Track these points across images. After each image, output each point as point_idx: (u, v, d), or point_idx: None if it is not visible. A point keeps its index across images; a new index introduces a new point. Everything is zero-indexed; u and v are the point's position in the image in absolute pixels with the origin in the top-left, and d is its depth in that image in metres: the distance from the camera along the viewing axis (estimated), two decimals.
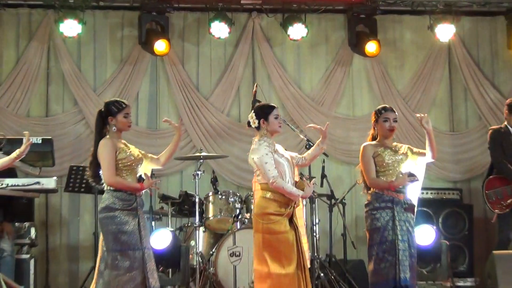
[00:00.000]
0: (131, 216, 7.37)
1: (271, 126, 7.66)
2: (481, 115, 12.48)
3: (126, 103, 7.55)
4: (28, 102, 11.83)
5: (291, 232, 7.47)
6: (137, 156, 7.49)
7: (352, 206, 11.62)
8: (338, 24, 12.42)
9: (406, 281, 7.71)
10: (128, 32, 12.14)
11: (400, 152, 7.96)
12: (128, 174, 7.43)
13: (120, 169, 7.38)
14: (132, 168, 7.43)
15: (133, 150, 7.52)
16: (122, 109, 7.46)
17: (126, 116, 7.48)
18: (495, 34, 12.65)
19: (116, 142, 7.46)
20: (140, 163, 7.51)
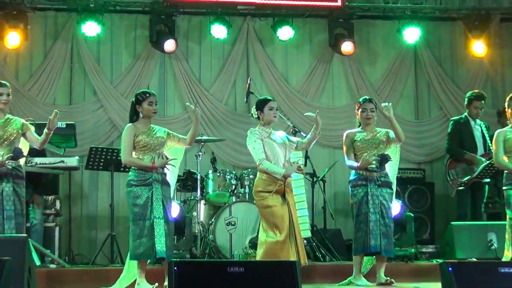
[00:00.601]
0: (146, 190, 7.46)
1: (266, 116, 7.71)
2: (442, 106, 12.49)
3: (150, 92, 7.65)
4: (54, 92, 11.82)
5: (282, 206, 7.52)
6: (156, 139, 7.55)
7: (331, 183, 11.64)
8: (320, 27, 12.39)
9: (377, 248, 7.83)
10: (140, 33, 12.11)
11: (377, 137, 8.05)
12: (145, 154, 7.52)
13: (137, 150, 7.50)
14: (150, 149, 7.51)
15: (157, 133, 7.61)
16: (146, 98, 7.55)
17: (150, 104, 7.54)
18: (455, 36, 12.65)
19: (141, 127, 7.57)
20: (160, 145, 7.57)
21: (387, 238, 7.90)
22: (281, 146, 7.69)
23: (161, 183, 7.56)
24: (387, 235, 7.89)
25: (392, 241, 7.99)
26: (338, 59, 12.35)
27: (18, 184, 7.55)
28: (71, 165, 9.96)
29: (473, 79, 12.51)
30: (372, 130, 8.12)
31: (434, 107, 12.66)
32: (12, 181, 7.49)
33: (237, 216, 9.58)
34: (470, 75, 12.60)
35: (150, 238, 7.40)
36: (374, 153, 7.98)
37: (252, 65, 12.29)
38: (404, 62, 12.62)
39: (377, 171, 7.95)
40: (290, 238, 7.48)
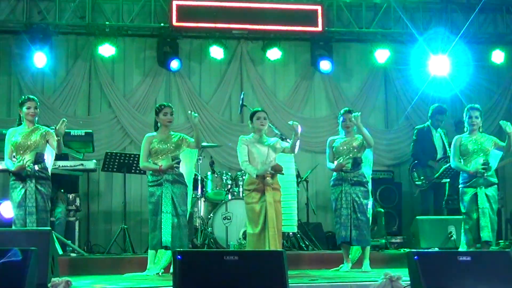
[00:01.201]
0: (158, 189, 7.59)
1: (255, 125, 7.80)
2: (408, 116, 12.51)
3: (165, 105, 7.82)
4: (74, 104, 11.80)
5: (259, 203, 7.59)
6: (171, 144, 7.66)
7: (313, 183, 11.64)
8: (303, 49, 12.40)
9: (346, 238, 7.98)
10: (149, 54, 12.09)
11: (352, 143, 8.09)
12: (158, 158, 7.62)
13: (152, 155, 7.65)
14: (162, 154, 7.63)
15: (173, 139, 7.72)
16: (161, 110, 7.72)
17: (165, 114, 7.69)
18: (418, 56, 12.49)
19: (160, 135, 7.72)
20: (174, 150, 7.67)
21: (359, 230, 7.92)
22: (268, 149, 7.73)
23: (172, 182, 7.60)
24: (358, 227, 7.93)
25: (364, 232, 7.99)
26: (318, 76, 12.36)
27: (42, 184, 7.56)
28: (89, 167, 10.01)
29: (435, 94, 12.50)
30: (350, 136, 8.15)
31: (401, 117, 12.66)
32: (35, 181, 7.50)
33: (232, 211, 9.59)
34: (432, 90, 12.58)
35: (160, 230, 7.48)
36: (349, 157, 8.02)
37: (245, 82, 12.28)
38: (376, 79, 12.64)
39: (350, 172, 7.99)
40: (265, 232, 7.53)
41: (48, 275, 5.59)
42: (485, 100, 12.29)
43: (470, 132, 8.12)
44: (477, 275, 5.18)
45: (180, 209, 7.60)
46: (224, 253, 5.26)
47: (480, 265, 5.27)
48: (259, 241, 7.54)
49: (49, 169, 7.78)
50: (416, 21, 12.39)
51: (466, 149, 8.06)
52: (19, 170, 7.45)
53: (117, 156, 9.94)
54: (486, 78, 12.77)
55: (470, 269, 5.21)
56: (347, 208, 7.95)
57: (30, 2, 11.52)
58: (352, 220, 7.92)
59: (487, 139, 8.09)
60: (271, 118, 11.32)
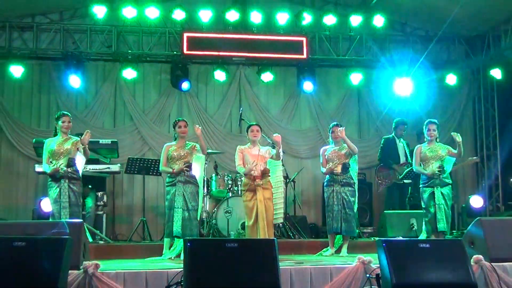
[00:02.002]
0: (172, 189, 7.66)
1: (249, 136, 7.89)
2: (377, 129, 12.54)
3: (179, 119, 7.99)
4: (102, 118, 11.80)
5: (252, 201, 7.67)
6: (185, 151, 7.73)
7: (299, 183, 11.59)
8: (291, 73, 12.39)
9: (337, 229, 8.06)
10: (164, 77, 12.09)
11: (342, 152, 8.14)
12: (174, 163, 7.70)
13: (169, 160, 7.73)
14: (177, 159, 7.70)
15: (186, 147, 7.78)
16: (176, 124, 7.87)
17: (179, 127, 7.82)
18: (386, 79, 12.51)
19: (177, 143, 7.80)
20: (186, 156, 7.73)
21: (347, 222, 7.97)
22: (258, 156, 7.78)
23: (184, 182, 7.66)
24: (347, 220, 7.97)
25: (352, 224, 8.03)
26: (303, 95, 12.36)
27: (74, 183, 7.64)
28: (115, 170, 10.03)
29: (399, 110, 12.47)
30: (339, 146, 8.19)
31: (372, 129, 12.68)
32: (68, 181, 7.58)
33: (232, 206, 9.56)
34: (397, 107, 12.58)
35: (172, 222, 7.52)
36: (338, 162, 8.07)
37: (243, 100, 12.26)
38: (351, 98, 12.66)
39: (340, 175, 8.05)
40: (257, 223, 7.57)
41: (80, 259, 5.57)
42: (440, 115, 12.30)
43: (429, 142, 8.17)
44: (434, 259, 5.18)
45: (190, 205, 7.62)
46: (226, 241, 5.26)
47: (437, 251, 5.28)
48: (252, 231, 7.64)
49: (80, 171, 7.82)
50: (384, 50, 12.40)
51: (425, 156, 8.09)
52: (54, 172, 7.59)
53: (138, 160, 9.93)
54: (441, 97, 12.82)
55: (428, 254, 5.21)
56: (337, 204, 7.99)
57: (66, 34, 11.52)
58: (341, 214, 7.96)
59: (442, 148, 8.13)
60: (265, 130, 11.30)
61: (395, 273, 5.01)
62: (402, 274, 5.03)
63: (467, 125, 12.82)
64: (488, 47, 12.18)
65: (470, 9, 11.23)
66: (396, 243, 5.59)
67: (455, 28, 12.26)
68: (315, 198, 12.09)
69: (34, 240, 5.01)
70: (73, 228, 5.86)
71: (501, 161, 12.36)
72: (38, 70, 11.71)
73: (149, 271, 5.63)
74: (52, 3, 11.35)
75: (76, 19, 11.78)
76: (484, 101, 12.73)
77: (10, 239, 4.95)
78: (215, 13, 11.52)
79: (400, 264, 5.09)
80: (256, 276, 4.92)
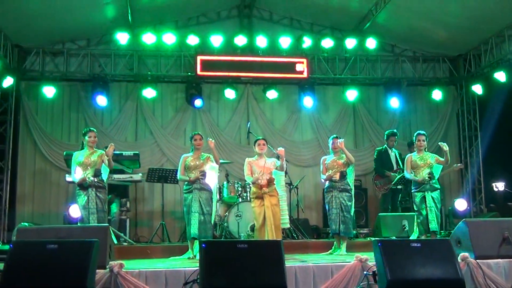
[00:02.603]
0: (189, 195, 7.65)
1: (256, 149, 7.89)
2: (370, 139, 12.49)
3: (195, 133, 7.96)
4: (125, 133, 11.79)
5: (259, 207, 7.67)
6: (200, 161, 7.70)
7: (302, 189, 11.50)
8: (294, 90, 12.35)
9: (336, 230, 7.99)
10: (180, 95, 12.08)
11: (340, 161, 8.11)
12: (190, 172, 7.69)
13: (186, 170, 7.73)
14: (193, 169, 7.69)
15: (201, 158, 7.76)
16: (192, 137, 7.84)
17: (195, 140, 7.80)
18: (378, 95, 12.67)
19: (193, 155, 7.78)
20: (201, 166, 7.70)
21: (345, 224, 7.92)
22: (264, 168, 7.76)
23: (199, 189, 7.65)
24: (344, 222, 7.92)
25: (349, 226, 8.01)
26: (304, 110, 12.31)
27: (100, 192, 7.64)
28: (137, 179, 10.03)
29: (390, 122, 12.51)
30: (338, 156, 8.17)
31: (366, 140, 12.61)
32: (95, 189, 7.59)
33: (242, 211, 9.51)
34: (388, 120, 12.59)
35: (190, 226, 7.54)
36: (337, 170, 8.04)
37: (251, 115, 12.23)
38: (347, 112, 12.60)
39: (338, 182, 8.02)
40: (264, 227, 7.56)
41: (106, 259, 5.55)
42: (427, 126, 12.26)
43: (418, 151, 8.14)
44: (425, 257, 5.16)
45: (205, 209, 7.60)
46: (237, 242, 5.24)
47: (427, 250, 5.25)
48: (260, 234, 7.63)
49: (105, 180, 7.82)
50: (376, 69, 12.40)
51: (416, 164, 8.07)
52: (82, 181, 7.60)
53: (157, 170, 9.92)
54: (428, 110, 12.82)
55: (420, 253, 5.20)
56: (336, 208, 7.96)
57: (92, 58, 11.58)
58: (339, 217, 7.91)
59: (431, 156, 8.12)
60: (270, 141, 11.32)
61: (390, 270, 4.99)
62: (397, 271, 5.01)
63: (452, 136, 12.75)
64: (469, 65, 12.20)
65: (453, 32, 11.27)
66: (391, 242, 5.56)
67: (440, 49, 12.30)
68: (316, 202, 12.03)
69: (65, 243, 5.00)
70: (100, 232, 5.85)
71: (483, 168, 12.32)
72: (68, 90, 11.73)
73: (168, 270, 5.61)
74: (80, 31, 11.40)
75: (102, 44, 11.82)
76: (467, 114, 12.67)
77: (44, 242, 4.96)
78: (225, 38, 11.55)
79: (395, 261, 5.06)
80: (264, 274, 4.90)
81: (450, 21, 10.78)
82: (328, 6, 11.42)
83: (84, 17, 10.70)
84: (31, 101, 11.51)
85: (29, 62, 11.44)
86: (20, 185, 11.38)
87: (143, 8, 10.96)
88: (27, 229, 6.70)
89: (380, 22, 11.39)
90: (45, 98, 11.30)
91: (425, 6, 10.41)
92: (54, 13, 9.96)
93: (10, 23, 10.17)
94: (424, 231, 7.83)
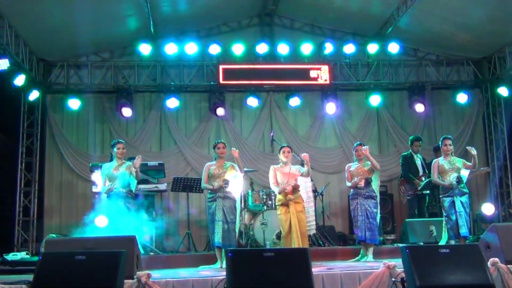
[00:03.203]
0: (213, 204, 7.68)
1: (281, 156, 7.86)
2: (395, 145, 12.39)
3: (218, 141, 8.01)
4: (150, 143, 11.89)
5: (285, 214, 7.65)
6: (223, 170, 7.71)
7: (327, 196, 11.47)
8: (316, 97, 12.31)
9: (362, 237, 7.95)
10: (203, 104, 12.14)
11: (365, 168, 8.08)
12: (214, 181, 7.71)
13: (209, 178, 7.74)
14: (216, 177, 7.71)
15: (225, 166, 7.77)
16: (216, 145, 7.89)
17: (218, 148, 7.82)
18: (402, 100, 12.56)
19: (216, 163, 7.80)
20: (221, 175, 7.70)
21: (371, 231, 7.88)
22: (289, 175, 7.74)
23: (223, 198, 7.67)
24: (370, 229, 7.88)
25: (375, 233, 7.96)
26: (328, 116, 12.26)
27: (129, 201, 7.78)
28: (162, 189, 10.12)
29: (415, 127, 12.40)
30: (362, 163, 8.14)
31: (391, 146, 12.51)
32: (124, 199, 7.74)
33: (267, 219, 9.48)
34: (413, 125, 12.48)
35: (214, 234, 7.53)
36: (362, 178, 8.01)
37: (274, 123, 12.23)
38: (370, 118, 12.51)
39: (363, 189, 7.99)
40: (290, 235, 7.54)
41: (134, 269, 5.58)
42: (453, 130, 12.15)
43: (445, 156, 8.09)
44: (454, 263, 5.09)
45: (229, 218, 7.62)
46: (263, 250, 5.21)
47: (456, 256, 5.18)
48: (287, 241, 7.61)
49: (133, 191, 7.91)
50: (399, 73, 12.34)
51: (443, 168, 8.02)
52: (109, 192, 7.72)
53: (182, 180, 9.97)
54: (453, 114, 12.69)
55: (448, 259, 5.12)
56: (361, 215, 7.94)
57: (116, 69, 11.72)
58: (365, 224, 7.88)
59: (458, 161, 8.08)
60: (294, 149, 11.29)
61: (419, 276, 4.93)
62: (425, 278, 4.94)
63: (478, 139, 12.60)
64: (494, 67, 12.05)
65: (476, 35, 11.17)
66: (419, 249, 5.51)
67: (463, 52, 12.18)
68: (342, 209, 11.96)
69: (94, 253, 5.04)
70: (128, 242, 5.88)
71: (511, 170, 12.14)
72: (93, 102, 11.85)
73: (195, 279, 5.62)
74: (103, 44, 11.56)
75: (125, 56, 11.95)
76: (493, 117, 12.51)
77: (72, 253, 5.01)
78: (247, 46, 11.60)
79: (423, 268, 5.00)
80: (291, 282, 4.87)
81: (473, 24, 10.68)
82: (349, 11, 11.40)
83: (106, 30, 10.85)
84: (56, 114, 11.68)
85: (54, 76, 11.62)
86: (47, 197, 11.53)
87: (164, 19, 11.07)
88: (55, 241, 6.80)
89: (402, 27, 11.33)
90: (70, 111, 11.46)
91: (448, 10, 10.34)
92: (77, 27, 10.11)
93: (35, 38, 10.36)
94: (453, 237, 7.75)
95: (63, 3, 9.36)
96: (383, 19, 11.41)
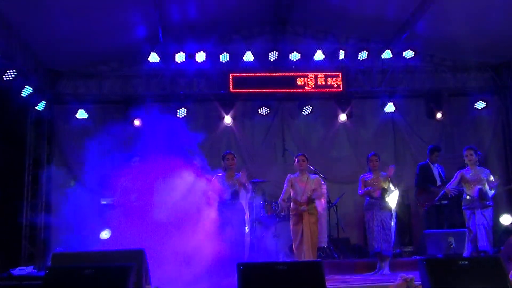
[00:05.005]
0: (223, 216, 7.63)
1: (295, 165, 7.83)
2: (412, 154, 12.32)
3: (227, 152, 8.11)
4: None
5: (297, 225, 7.74)
6: (231, 182, 7.78)
7: (341, 207, 11.39)
8: (330, 105, 12.28)
9: (379, 249, 7.95)
10: (213, 114, 12.15)
11: (379, 179, 8.06)
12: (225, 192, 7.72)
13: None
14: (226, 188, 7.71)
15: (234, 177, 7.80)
16: (224, 156, 8.00)
17: (227, 159, 7.92)
18: (418, 107, 12.50)
19: (225, 175, 7.88)
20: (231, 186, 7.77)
21: (387, 243, 7.90)
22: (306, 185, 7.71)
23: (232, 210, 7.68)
24: (386, 240, 7.90)
25: (391, 245, 7.98)
26: (342, 125, 12.24)
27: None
28: None
29: (432, 135, 12.32)
30: (376, 174, 8.14)
31: (407, 155, 12.43)
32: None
33: (280, 231, 9.48)
34: (430, 133, 12.41)
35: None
36: (377, 188, 8.03)
37: (286, 132, 12.23)
38: (386, 126, 12.46)
39: (378, 199, 7.97)
40: (301, 246, 7.59)
41: (143, 283, 5.57)
42: (472, 138, 12.06)
43: (470, 166, 8.09)
44: (474, 275, 5.05)
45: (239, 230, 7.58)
46: (276, 264, 5.18)
47: (476, 268, 5.13)
48: (298, 252, 7.66)
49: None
50: (416, 80, 12.28)
51: (467, 179, 8.04)
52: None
53: None
54: (472, 121, 12.57)
55: (468, 271, 5.07)
56: (377, 226, 7.93)
57: (125, 79, 11.81)
58: (382, 236, 7.86)
59: (483, 172, 8.08)
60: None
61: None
62: None
63: (498, 146, 12.49)
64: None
65: (495, 39, 11.10)
66: (436, 261, 5.44)
67: (481, 57, 12.10)
68: (357, 220, 11.87)
69: (102, 267, 5.04)
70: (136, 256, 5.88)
71: None
72: (102, 112, 11.92)
73: None
74: (112, 53, 11.63)
75: (134, 65, 11.99)
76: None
77: (81, 267, 5.01)
78: (258, 54, 11.62)
79: (442, 280, 4.95)
80: None
81: (491, 28, 10.62)
82: (362, 18, 11.39)
83: (115, 39, 10.92)
84: (64, 124, 11.75)
85: (62, 86, 11.70)
86: (54, 210, 11.56)
87: (174, 28, 11.12)
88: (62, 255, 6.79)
89: (418, 32, 11.29)
90: (78, 121, 11.51)
91: (465, 14, 10.29)
92: (85, 37, 10.19)
93: (43, 47, 10.44)
94: (474, 249, 7.70)
95: (71, 13, 9.44)
96: (398, 25, 11.38)
